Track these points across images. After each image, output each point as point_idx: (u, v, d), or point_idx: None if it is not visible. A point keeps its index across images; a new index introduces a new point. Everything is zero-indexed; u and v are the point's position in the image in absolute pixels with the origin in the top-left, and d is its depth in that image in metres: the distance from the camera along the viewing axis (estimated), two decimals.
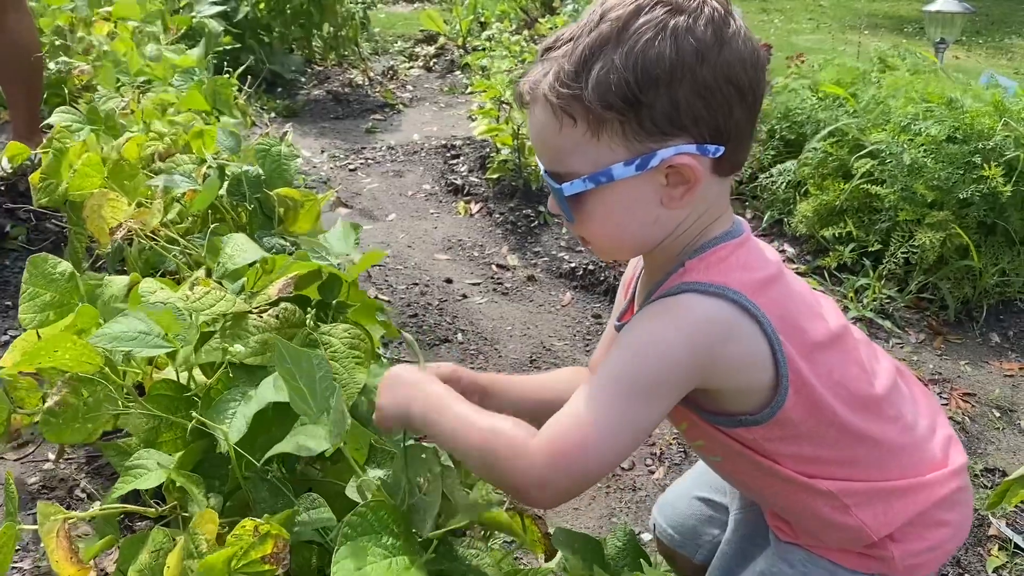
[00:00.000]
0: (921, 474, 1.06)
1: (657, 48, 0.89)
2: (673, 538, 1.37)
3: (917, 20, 8.30)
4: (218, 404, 1.11)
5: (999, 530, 1.85)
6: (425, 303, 2.81)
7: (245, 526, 0.87)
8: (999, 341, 2.69)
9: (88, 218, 1.76)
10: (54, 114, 2.30)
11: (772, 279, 0.99)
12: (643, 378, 0.92)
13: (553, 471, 0.90)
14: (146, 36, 3.73)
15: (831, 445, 1.02)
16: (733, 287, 0.94)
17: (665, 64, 0.89)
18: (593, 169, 0.94)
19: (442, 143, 4.40)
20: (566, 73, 0.92)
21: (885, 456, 1.05)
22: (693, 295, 0.94)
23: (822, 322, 1.02)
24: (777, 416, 0.98)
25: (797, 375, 0.96)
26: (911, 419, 1.08)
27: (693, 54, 0.90)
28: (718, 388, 0.98)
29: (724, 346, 0.94)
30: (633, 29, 0.90)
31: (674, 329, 0.93)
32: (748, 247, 1.01)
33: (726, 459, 1.09)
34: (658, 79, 0.90)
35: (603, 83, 0.90)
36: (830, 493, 1.03)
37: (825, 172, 3.18)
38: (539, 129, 0.98)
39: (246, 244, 1.46)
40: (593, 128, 0.93)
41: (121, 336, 1.10)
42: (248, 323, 1.21)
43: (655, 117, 0.91)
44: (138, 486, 1.12)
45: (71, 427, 1.13)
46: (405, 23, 7.77)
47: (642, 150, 0.93)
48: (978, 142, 2.77)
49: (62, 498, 1.74)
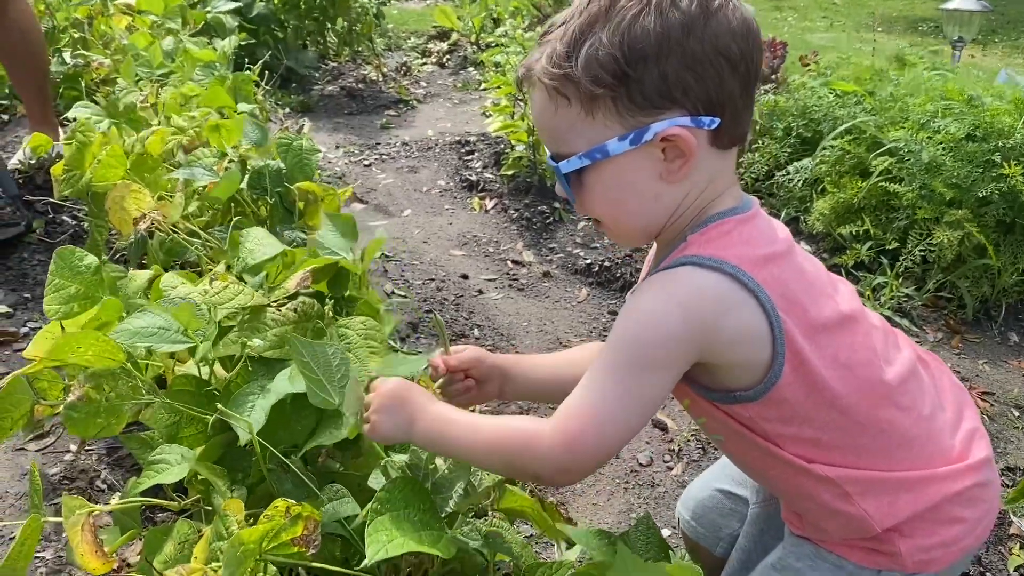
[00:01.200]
0: (934, 467, 1.03)
1: (643, 23, 0.91)
2: (696, 530, 1.38)
3: (932, 19, 8.25)
4: (237, 397, 1.12)
5: (1020, 528, 1.84)
6: (441, 299, 2.81)
7: (277, 506, 0.87)
8: (1017, 340, 2.67)
9: (111, 209, 1.77)
10: (74, 108, 2.31)
11: (777, 256, 0.98)
12: (640, 350, 0.94)
13: (571, 454, 0.93)
14: (165, 30, 3.74)
15: (833, 429, 1.00)
16: (731, 261, 0.94)
17: (651, 38, 0.91)
18: (589, 146, 0.96)
19: (456, 139, 4.40)
20: (557, 54, 0.95)
21: (893, 446, 1.02)
22: (689, 267, 0.95)
23: (832, 303, 1.00)
24: (771, 393, 0.97)
25: (795, 353, 0.95)
26: (928, 410, 1.06)
27: (679, 27, 0.91)
28: (715, 362, 0.97)
29: (719, 318, 0.93)
30: (620, 6, 0.92)
31: (667, 301, 0.94)
32: (754, 223, 1.00)
33: (728, 439, 1.08)
34: (645, 53, 0.91)
35: (592, 61, 0.92)
36: (830, 480, 1.01)
37: (842, 170, 3.16)
38: (538, 111, 1.00)
39: (266, 238, 1.47)
40: (586, 106, 0.95)
41: (142, 332, 1.11)
42: (266, 317, 1.21)
43: (645, 91, 0.93)
44: (161, 480, 1.12)
45: (93, 421, 1.14)
46: (418, 19, 7.77)
47: (635, 124, 0.94)
48: (998, 140, 2.75)
49: (83, 489, 1.75)
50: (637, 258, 3.02)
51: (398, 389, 1.05)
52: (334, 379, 1.07)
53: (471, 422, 1.00)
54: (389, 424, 1.02)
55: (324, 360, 1.07)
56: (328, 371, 1.07)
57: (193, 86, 2.53)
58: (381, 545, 0.87)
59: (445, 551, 0.88)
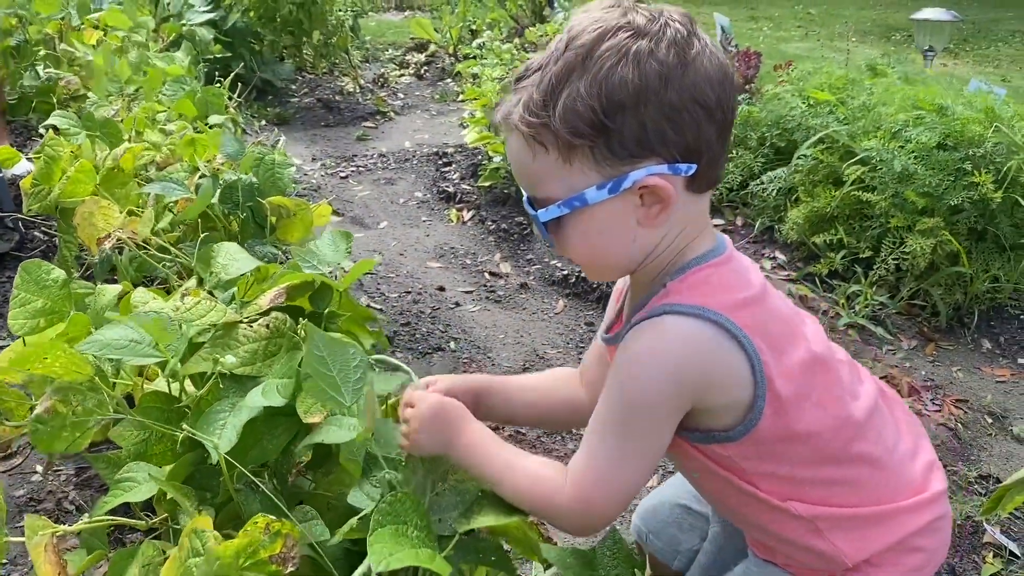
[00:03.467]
0: (899, 500, 1.06)
1: (620, 73, 0.91)
2: (654, 543, 1.38)
3: (905, 28, 8.35)
4: (208, 415, 1.10)
5: (994, 537, 1.85)
6: (418, 311, 2.79)
7: (257, 522, 0.86)
8: (990, 347, 2.69)
9: (79, 225, 1.74)
10: (52, 117, 2.29)
11: (754, 299, 1.00)
12: (638, 411, 0.97)
13: (587, 515, 1.00)
14: (134, 44, 3.72)
15: (807, 465, 1.02)
16: (713, 307, 0.95)
17: (629, 89, 0.91)
18: (568, 194, 0.96)
19: (434, 151, 4.40)
20: (534, 102, 0.94)
21: (863, 479, 1.05)
22: (674, 317, 0.96)
23: (804, 343, 1.03)
24: (751, 434, 0.99)
25: (775, 395, 0.97)
26: (891, 442, 1.09)
27: (657, 77, 0.91)
28: (700, 407, 0.99)
29: (707, 367, 0.96)
30: (597, 55, 0.92)
31: (659, 359, 0.96)
32: (730, 266, 1.02)
33: (703, 476, 1.10)
34: (623, 104, 0.91)
35: (570, 111, 0.92)
36: (804, 517, 1.03)
37: (816, 179, 3.18)
38: (514, 157, 1.00)
39: (238, 253, 1.45)
40: (564, 155, 0.94)
41: (112, 343, 1.09)
42: (238, 333, 1.20)
43: (624, 141, 0.93)
44: (128, 499, 1.10)
45: (59, 436, 1.11)
46: (396, 31, 7.78)
47: (614, 173, 0.94)
48: (969, 149, 2.78)
49: (50, 511, 1.72)
50: None
51: (437, 409, 1.07)
52: (349, 380, 1.06)
53: (502, 461, 1.03)
54: (428, 443, 1.05)
55: (343, 359, 1.07)
56: (344, 370, 1.06)
57: (163, 101, 2.51)
58: (383, 556, 0.86)
59: (443, 569, 0.88)
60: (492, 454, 1.04)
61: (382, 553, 0.86)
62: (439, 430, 1.05)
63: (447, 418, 1.06)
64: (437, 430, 1.05)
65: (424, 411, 1.06)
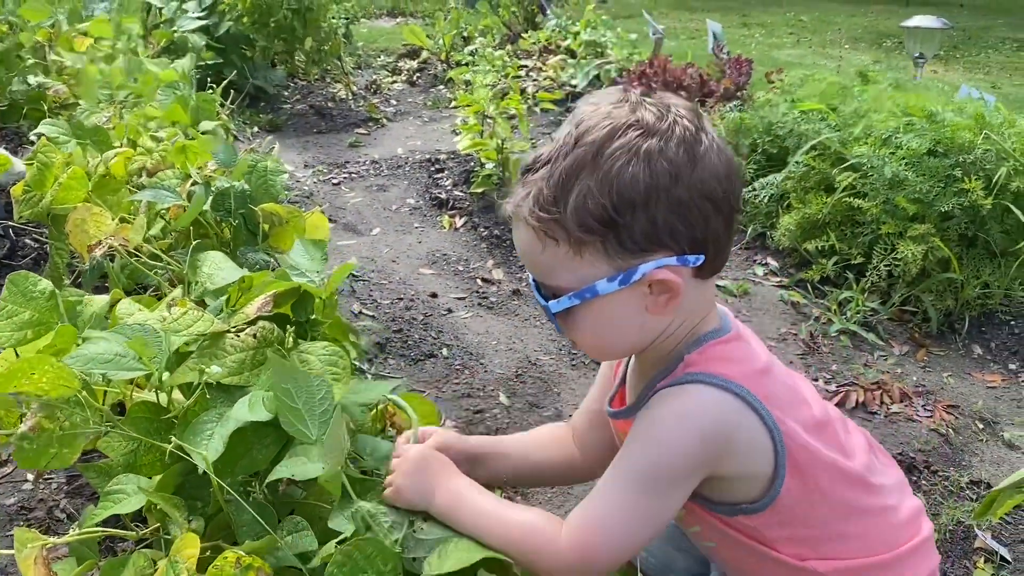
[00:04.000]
0: (900, 544, 1.10)
1: (631, 172, 0.92)
2: (647, 560, 1.39)
3: (895, 35, 8.40)
4: (195, 426, 1.10)
5: (985, 542, 1.85)
6: (410, 318, 2.79)
7: (227, 557, 0.85)
8: (981, 353, 2.70)
9: (71, 232, 1.74)
10: (41, 125, 2.28)
11: (765, 371, 1.04)
12: (659, 472, 0.98)
13: (584, 566, 0.98)
14: (124, 51, 3.72)
15: (822, 524, 1.06)
16: (736, 379, 0.98)
17: (640, 187, 0.92)
18: (578, 284, 0.98)
19: (426, 157, 4.40)
20: (545, 198, 0.96)
21: (872, 529, 1.09)
22: (700, 386, 0.98)
23: (808, 408, 1.07)
24: (775, 503, 1.02)
25: (794, 462, 1.01)
26: (887, 489, 1.13)
27: (667, 175, 0.93)
28: (723, 476, 1.01)
29: (732, 435, 0.98)
30: (607, 154, 0.93)
31: (683, 423, 0.98)
32: (741, 342, 1.06)
33: (722, 545, 1.12)
34: (634, 202, 0.93)
35: (581, 208, 0.94)
36: (822, 574, 1.06)
37: (807, 186, 3.19)
38: (524, 247, 1.02)
39: (223, 262, 1.45)
40: (575, 248, 0.96)
41: (96, 358, 1.08)
42: (225, 343, 1.19)
43: (634, 236, 0.95)
44: (118, 511, 1.10)
45: (46, 453, 1.11)
46: (388, 37, 7.78)
47: (624, 266, 0.96)
48: (959, 155, 2.80)
49: (41, 519, 1.71)
50: None
51: (423, 457, 1.07)
52: (315, 412, 1.05)
53: (487, 509, 1.02)
54: (411, 491, 1.04)
55: (308, 390, 1.05)
56: (310, 403, 1.05)
57: (155, 107, 2.51)
58: None
59: None
60: (477, 504, 1.03)
61: None
62: (422, 480, 1.04)
63: (430, 469, 1.06)
64: (420, 480, 1.04)
65: (408, 457, 1.07)
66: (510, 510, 1.04)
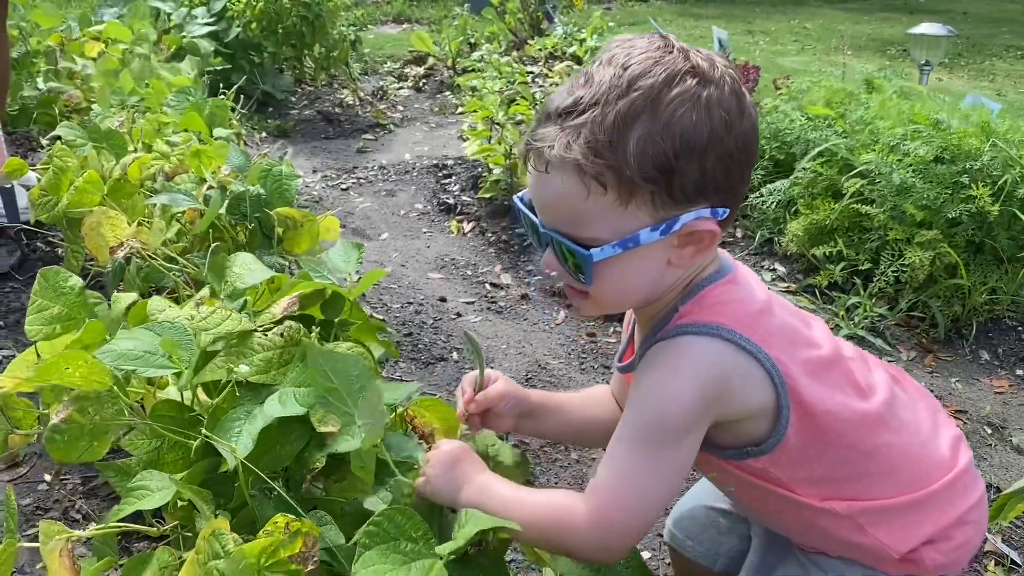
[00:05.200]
0: (933, 481, 1.08)
1: (694, 119, 0.91)
2: (694, 549, 1.39)
3: (900, 42, 8.42)
4: (223, 423, 1.11)
5: (996, 546, 1.86)
6: (420, 322, 2.81)
7: (277, 522, 0.87)
8: (989, 358, 2.71)
9: (87, 235, 1.76)
10: (58, 128, 2.31)
11: (762, 312, 1.02)
12: (659, 431, 0.98)
13: (607, 537, 0.98)
14: (137, 56, 3.74)
15: (841, 464, 1.04)
16: (727, 325, 0.98)
17: (702, 135, 0.92)
18: (614, 235, 0.95)
19: (434, 163, 4.42)
20: (600, 143, 0.92)
21: (895, 468, 1.07)
22: (690, 337, 0.98)
23: (815, 346, 1.05)
24: (782, 443, 1.01)
25: (798, 402, 1.00)
26: (914, 426, 1.10)
27: (723, 125, 0.93)
28: (727, 421, 1.01)
29: (726, 380, 0.98)
30: (667, 100, 0.91)
31: (678, 375, 0.97)
32: (737, 284, 1.05)
33: (739, 489, 1.12)
34: (694, 149, 0.92)
35: (641, 154, 0.91)
36: (844, 515, 1.05)
37: (815, 192, 3.21)
38: (559, 194, 0.96)
39: (254, 264, 1.47)
40: (623, 197, 0.93)
41: (127, 354, 1.10)
42: (253, 342, 1.21)
43: (685, 186, 0.93)
44: (143, 506, 1.11)
45: (76, 445, 1.12)
46: (395, 43, 7.82)
47: (666, 216, 0.95)
48: (965, 162, 2.81)
49: (57, 519, 1.72)
50: None
51: (454, 451, 1.08)
52: (352, 389, 1.07)
53: (511, 499, 1.03)
54: (440, 481, 1.05)
55: (343, 369, 1.08)
56: (347, 381, 1.07)
57: (168, 113, 2.53)
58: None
59: None
60: (503, 494, 1.04)
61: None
62: (449, 472, 1.06)
63: (460, 465, 1.07)
64: (448, 471, 1.06)
65: (441, 450, 1.09)
66: (534, 494, 1.04)
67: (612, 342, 2.73)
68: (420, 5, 10.58)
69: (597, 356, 2.63)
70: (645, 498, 0.98)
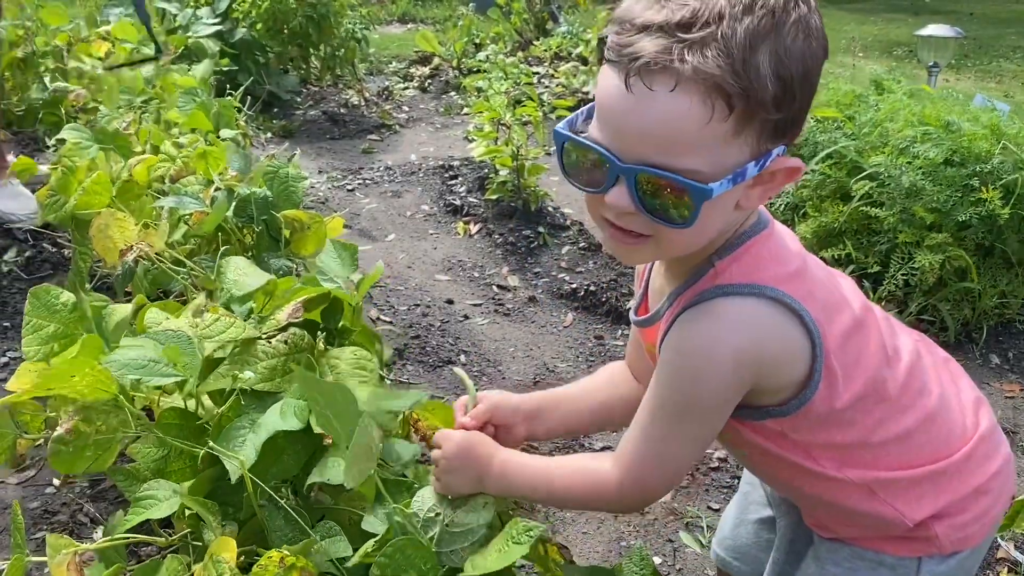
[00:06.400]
0: (952, 449, 1.04)
1: (812, 47, 0.87)
2: (740, 569, 1.36)
3: (906, 43, 8.38)
4: (228, 432, 1.10)
5: (1008, 552, 1.85)
6: (427, 324, 2.80)
7: (272, 557, 0.86)
8: (999, 363, 2.69)
9: (95, 237, 1.75)
10: (64, 130, 2.30)
11: (802, 269, 0.97)
12: (697, 395, 0.95)
13: (642, 496, 1.04)
14: (143, 56, 3.74)
15: (857, 430, 1.00)
16: (769, 284, 0.92)
17: (818, 63, 0.89)
18: (714, 168, 0.85)
19: (440, 164, 4.41)
20: (736, 59, 0.81)
21: (915, 436, 1.03)
22: (729, 299, 0.92)
23: (848, 307, 1.00)
24: (806, 408, 0.97)
25: (829, 367, 0.95)
26: (937, 392, 1.06)
27: (823, 54, 0.89)
28: (757, 387, 0.96)
29: (767, 349, 0.93)
30: (789, 23, 0.85)
31: (718, 341, 0.92)
32: (775, 238, 0.98)
33: (752, 454, 1.09)
34: (808, 78, 0.87)
35: (774, 75, 0.83)
36: (858, 484, 1.01)
37: (824, 194, 3.19)
38: (669, 117, 0.84)
39: (248, 268, 1.45)
40: (740, 124, 0.84)
41: (132, 364, 1.09)
42: (257, 349, 1.20)
43: (791, 117, 0.88)
44: (150, 516, 1.10)
45: (81, 456, 1.12)
46: (400, 43, 7.80)
47: (763, 150, 0.88)
48: (976, 165, 2.79)
49: (64, 523, 1.72)
50: (622, 283, 3.03)
51: (463, 446, 1.07)
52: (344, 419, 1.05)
53: (535, 476, 1.05)
54: (458, 483, 1.05)
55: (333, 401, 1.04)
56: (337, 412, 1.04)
57: (176, 113, 2.53)
58: None
59: None
60: (527, 468, 1.05)
61: None
62: (464, 469, 1.05)
63: (474, 453, 1.06)
64: (463, 469, 1.05)
65: (448, 450, 1.06)
66: (559, 465, 1.07)
67: (620, 345, 2.71)
68: (425, 5, 10.57)
69: (605, 359, 2.62)
70: (674, 461, 1.00)
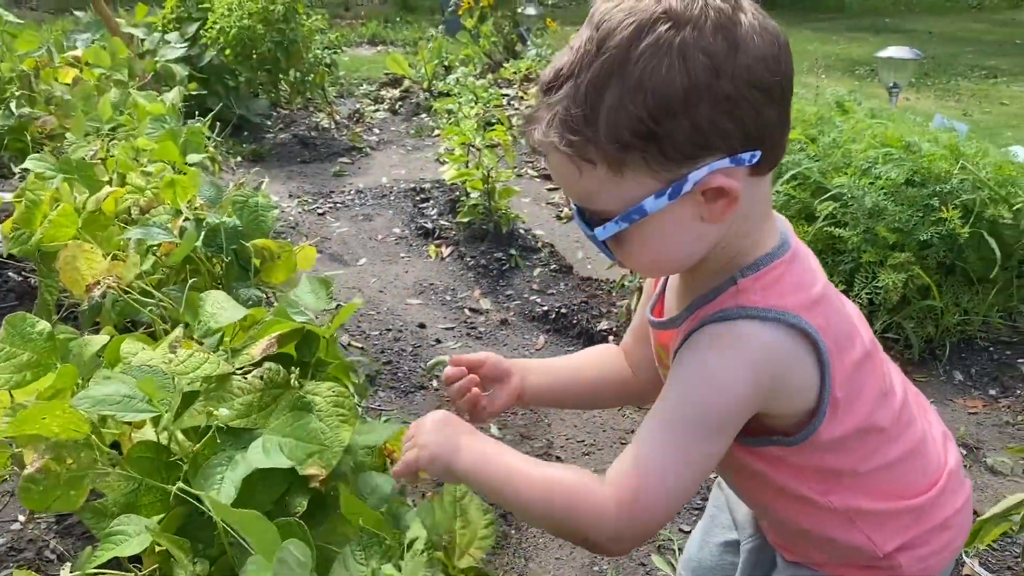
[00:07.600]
0: (931, 483, 1.05)
1: (666, 74, 0.82)
2: None
3: (867, 63, 8.55)
4: (205, 470, 1.10)
5: (973, 569, 1.88)
6: (399, 349, 2.80)
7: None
8: (962, 379, 2.75)
9: (62, 269, 1.74)
10: (27, 161, 2.28)
11: (823, 297, 0.96)
12: (707, 417, 0.91)
13: (627, 523, 0.90)
14: (113, 83, 3.71)
15: (853, 457, 1.00)
16: (792, 310, 0.91)
17: (678, 89, 0.82)
18: (624, 206, 0.88)
19: (411, 186, 4.42)
20: (573, 119, 0.85)
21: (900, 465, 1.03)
22: (752, 322, 0.91)
23: (859, 338, 0.99)
24: (811, 437, 0.96)
25: (834, 399, 0.95)
26: (919, 425, 1.07)
27: (706, 71, 0.82)
28: (763, 412, 0.95)
29: (784, 374, 0.92)
30: (636, 56, 0.82)
31: (735, 363, 0.90)
32: (799, 261, 0.97)
33: (739, 475, 1.08)
34: (672, 107, 0.83)
35: (613, 124, 0.84)
36: (839, 510, 1.01)
37: (789, 215, 3.24)
38: (560, 175, 0.92)
39: (226, 301, 1.45)
40: (614, 168, 0.86)
41: (106, 399, 1.09)
42: (232, 385, 1.20)
43: (677, 144, 0.85)
44: (119, 553, 1.09)
45: (51, 494, 1.10)
46: (370, 65, 7.83)
47: (672, 177, 0.86)
48: (936, 185, 2.86)
49: (31, 560, 1.69)
50: (593, 304, 3.05)
51: (444, 417, 1.03)
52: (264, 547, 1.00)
53: (516, 470, 0.95)
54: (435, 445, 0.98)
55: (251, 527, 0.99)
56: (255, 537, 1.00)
57: (146, 140, 2.51)
58: None
59: None
60: (506, 462, 0.96)
61: None
62: (446, 435, 0.99)
63: (452, 425, 1.01)
64: (444, 434, 0.99)
65: (428, 419, 1.03)
66: (542, 467, 0.96)
67: None
68: (395, 27, 10.62)
69: None
70: (681, 486, 0.91)
